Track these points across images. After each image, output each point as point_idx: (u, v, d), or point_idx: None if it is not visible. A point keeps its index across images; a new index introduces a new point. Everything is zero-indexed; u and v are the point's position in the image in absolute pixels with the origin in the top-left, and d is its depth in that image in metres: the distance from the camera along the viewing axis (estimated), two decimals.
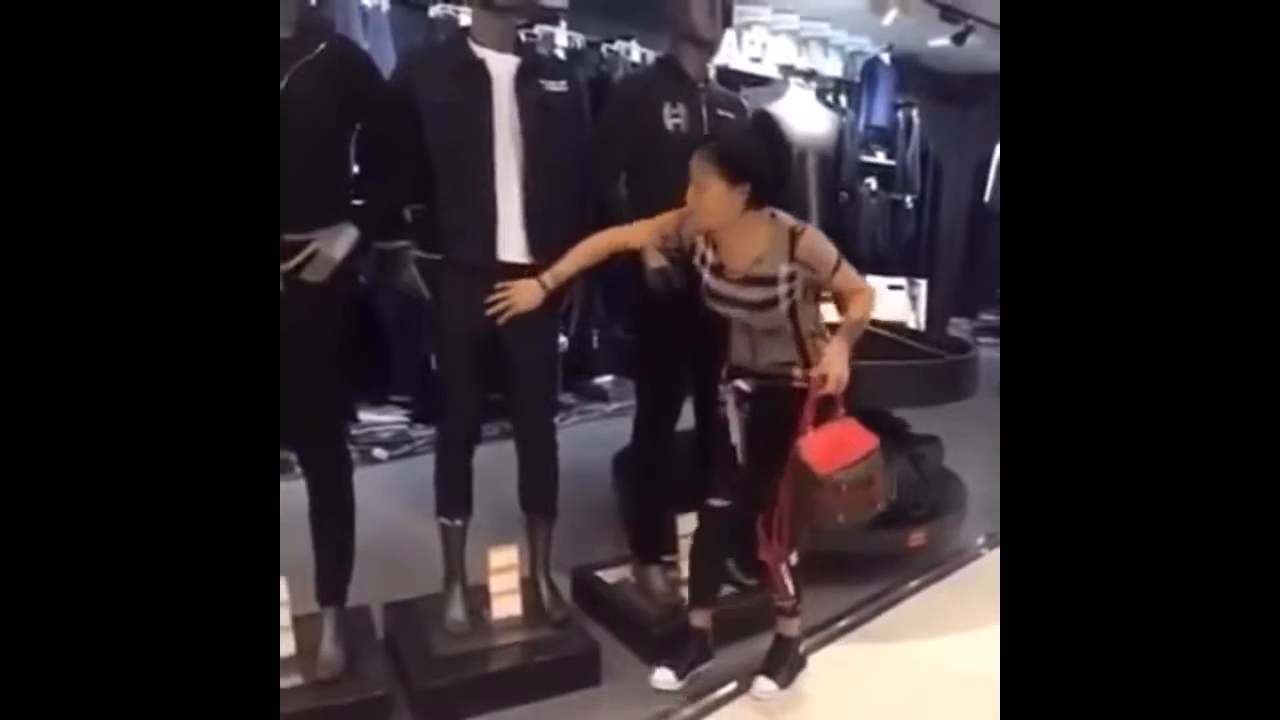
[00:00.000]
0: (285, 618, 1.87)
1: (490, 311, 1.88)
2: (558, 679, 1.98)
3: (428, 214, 1.94)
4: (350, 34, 3.20)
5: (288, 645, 1.87)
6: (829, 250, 1.83)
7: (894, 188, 6.46)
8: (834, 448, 1.82)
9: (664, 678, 1.99)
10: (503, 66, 1.91)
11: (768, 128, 1.88)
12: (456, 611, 2.05)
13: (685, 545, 2.33)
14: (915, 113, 6.49)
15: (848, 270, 1.86)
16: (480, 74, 1.88)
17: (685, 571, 2.32)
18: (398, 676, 1.94)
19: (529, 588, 2.15)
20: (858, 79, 6.07)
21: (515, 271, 1.92)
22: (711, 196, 1.75)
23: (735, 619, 2.26)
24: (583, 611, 2.29)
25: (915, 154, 6.49)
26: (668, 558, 2.33)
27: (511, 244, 1.92)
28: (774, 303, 1.80)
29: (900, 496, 2.63)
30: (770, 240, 1.80)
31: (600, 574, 2.39)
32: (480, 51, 1.91)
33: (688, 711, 1.97)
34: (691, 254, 1.91)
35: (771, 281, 1.79)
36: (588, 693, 2.01)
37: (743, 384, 1.92)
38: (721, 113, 2.21)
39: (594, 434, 3.90)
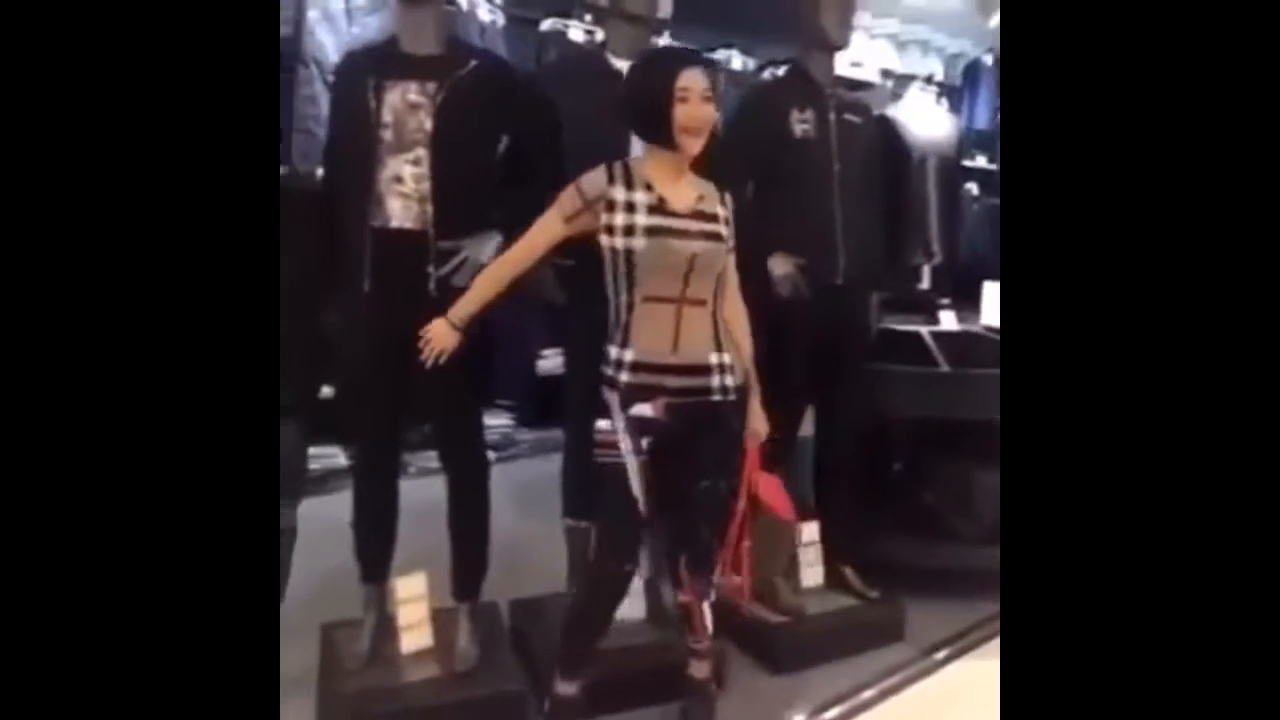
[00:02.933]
0: (424, 610, 1.94)
1: (422, 358, 1.69)
2: (681, 684, 1.99)
3: None
4: None
5: (425, 638, 1.93)
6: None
7: (996, 193, 6.27)
8: (781, 492, 1.84)
9: None
10: None
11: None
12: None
13: (805, 553, 2.33)
14: None
15: (733, 262, 1.76)
16: (619, 84, 1.92)
17: (804, 580, 2.31)
18: (529, 672, 1.98)
19: (650, 590, 2.17)
20: (958, 83, 5.93)
21: None
22: (709, 114, 1.60)
23: (861, 631, 2.23)
24: None
25: None
26: None
27: None
28: (721, 239, 1.67)
29: None
30: (703, 185, 1.70)
31: (718, 580, 2.39)
32: (618, 63, 1.95)
33: None
34: (598, 214, 1.63)
35: (716, 219, 1.68)
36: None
37: (648, 410, 1.61)
38: (848, 117, 2.19)
39: None
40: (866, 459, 2.45)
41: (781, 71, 2.21)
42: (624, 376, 1.63)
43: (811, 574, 2.31)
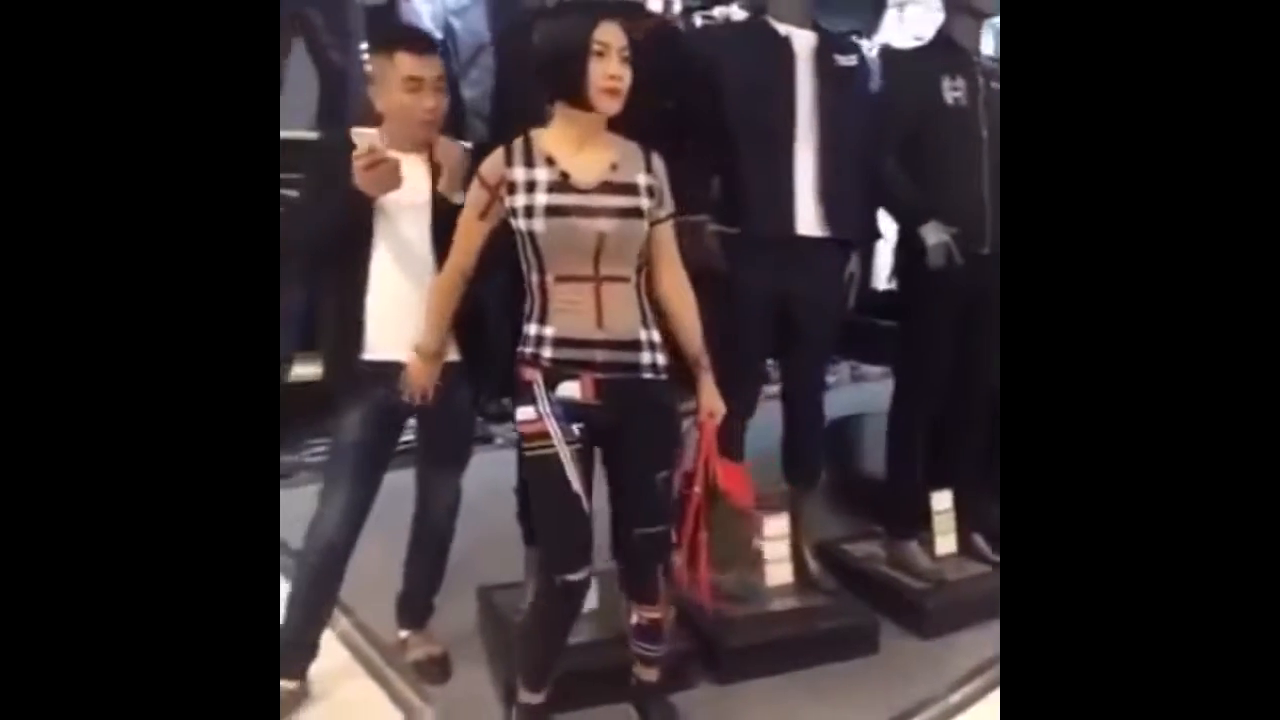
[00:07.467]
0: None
1: (407, 397, 1.63)
2: (838, 646, 2.02)
3: (726, 188, 1.99)
4: None
5: (592, 600, 1.94)
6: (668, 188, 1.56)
7: None
8: (741, 478, 1.72)
9: None
10: (804, 42, 1.95)
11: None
12: (730, 578, 2.11)
13: (940, 520, 2.35)
14: None
15: (672, 231, 1.57)
16: (785, 50, 1.92)
17: (937, 547, 2.34)
18: (688, 637, 1.99)
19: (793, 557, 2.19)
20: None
21: (811, 244, 1.95)
22: (627, 74, 1.42)
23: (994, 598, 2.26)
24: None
25: None
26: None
27: (807, 217, 1.96)
28: (639, 213, 1.49)
29: None
30: (621, 149, 1.51)
31: (848, 548, 2.42)
32: (783, 28, 1.94)
33: (956, 697, 1.94)
34: (500, 195, 1.48)
35: (633, 190, 1.48)
36: (864, 661, 2.04)
37: (575, 390, 1.47)
38: (994, 85, 2.18)
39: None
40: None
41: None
42: (547, 353, 1.48)
43: (944, 541, 2.34)
